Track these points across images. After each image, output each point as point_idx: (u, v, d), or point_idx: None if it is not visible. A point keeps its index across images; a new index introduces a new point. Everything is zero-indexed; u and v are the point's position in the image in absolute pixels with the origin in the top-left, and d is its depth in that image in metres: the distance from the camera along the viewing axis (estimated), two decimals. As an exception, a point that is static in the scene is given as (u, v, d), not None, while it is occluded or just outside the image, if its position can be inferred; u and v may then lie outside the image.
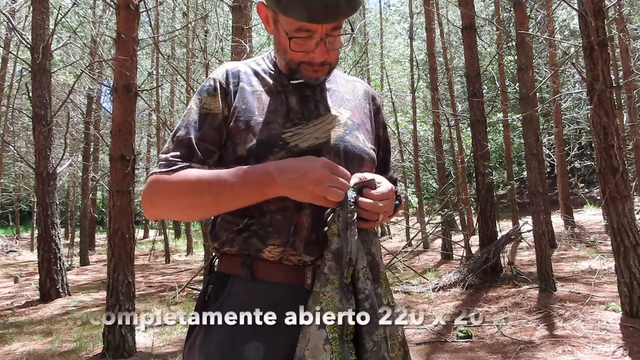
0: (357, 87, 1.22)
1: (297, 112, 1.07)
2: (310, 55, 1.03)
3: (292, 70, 1.07)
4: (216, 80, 1.09)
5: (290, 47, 1.02)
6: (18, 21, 11.24)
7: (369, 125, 1.17)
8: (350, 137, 1.09)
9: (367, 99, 1.22)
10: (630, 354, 3.46)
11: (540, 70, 12.23)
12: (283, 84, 1.10)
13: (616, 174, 4.13)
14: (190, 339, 1.03)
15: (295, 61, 1.05)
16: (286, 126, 1.04)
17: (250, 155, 1.01)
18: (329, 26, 1.00)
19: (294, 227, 1.00)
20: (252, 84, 1.09)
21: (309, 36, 1.00)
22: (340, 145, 1.06)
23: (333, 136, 1.07)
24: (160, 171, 1.01)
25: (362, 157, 1.09)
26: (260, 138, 1.02)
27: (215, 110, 1.06)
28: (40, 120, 7.04)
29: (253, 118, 1.04)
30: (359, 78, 1.31)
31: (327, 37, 1.01)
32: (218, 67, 1.15)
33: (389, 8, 23.79)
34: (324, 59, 1.04)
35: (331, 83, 1.17)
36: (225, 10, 11.88)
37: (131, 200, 4.41)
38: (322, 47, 1.02)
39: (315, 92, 1.11)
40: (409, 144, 14.60)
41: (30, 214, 19.26)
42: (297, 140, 1.03)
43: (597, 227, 11.14)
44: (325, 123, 1.07)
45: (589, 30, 4.21)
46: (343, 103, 1.14)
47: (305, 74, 1.06)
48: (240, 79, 1.09)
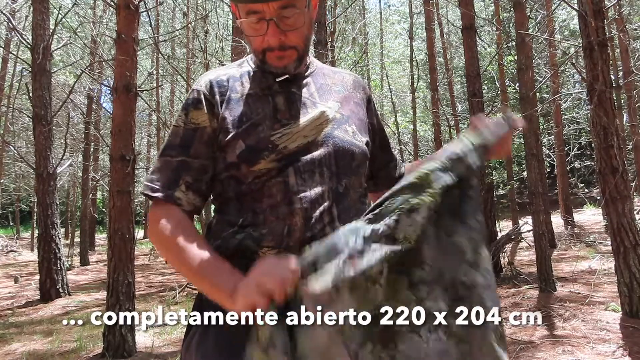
0: (346, 77, 1.21)
1: (285, 112, 1.06)
2: (265, 39, 1.02)
3: (260, 61, 1.07)
4: (200, 92, 1.07)
5: (245, 31, 1.02)
6: (18, 21, 11.24)
7: (362, 114, 1.16)
8: (339, 131, 1.08)
9: (357, 88, 1.20)
10: (630, 353, 3.46)
11: (540, 70, 12.22)
12: (269, 84, 1.09)
13: (616, 174, 4.13)
14: (187, 338, 1.04)
15: (258, 50, 1.05)
16: (274, 128, 1.03)
17: (241, 161, 1.01)
18: (275, 4, 0.98)
19: (287, 228, 1.00)
20: (237, 90, 1.08)
21: (259, 19, 1.00)
22: (329, 141, 1.05)
23: (321, 133, 1.06)
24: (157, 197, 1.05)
25: (352, 150, 1.08)
26: (249, 143, 1.02)
27: (203, 124, 1.05)
28: (41, 120, 7.04)
29: (242, 125, 1.03)
30: (346, 70, 1.30)
31: (278, 17, 1.00)
32: (200, 77, 1.13)
33: (389, 8, 23.75)
34: (279, 41, 1.02)
35: (317, 77, 1.15)
36: (225, 10, 11.88)
37: (131, 200, 4.41)
38: (272, 27, 1.00)
39: (301, 88, 1.10)
40: (409, 144, 14.60)
41: (30, 214, 19.26)
42: (285, 142, 1.02)
43: (597, 227, 11.14)
44: (313, 120, 1.06)
45: (589, 31, 4.21)
46: (331, 95, 1.13)
47: (271, 63, 1.05)
48: (225, 87, 1.08)
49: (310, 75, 1.14)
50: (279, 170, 1.01)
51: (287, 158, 1.02)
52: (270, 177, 1.01)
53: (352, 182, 1.07)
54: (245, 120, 1.04)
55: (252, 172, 1.01)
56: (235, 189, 1.04)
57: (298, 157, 1.02)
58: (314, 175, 1.02)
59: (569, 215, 11.29)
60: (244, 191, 1.03)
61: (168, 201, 1.04)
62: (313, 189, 1.01)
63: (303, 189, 1.01)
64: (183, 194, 1.04)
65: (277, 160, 1.01)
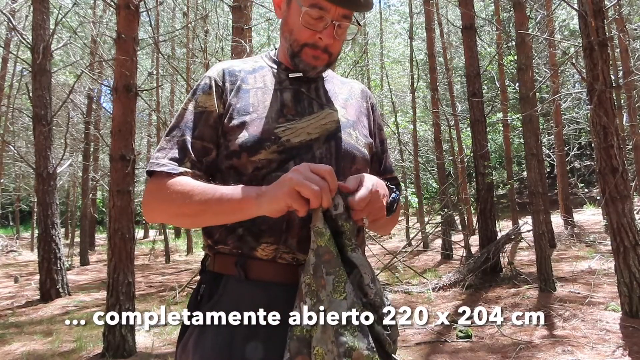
0: (354, 87, 1.23)
1: (291, 108, 1.07)
2: (316, 36, 1.05)
3: (293, 53, 1.08)
4: (212, 78, 1.09)
5: (302, 20, 1.03)
6: (18, 21, 11.23)
7: (366, 122, 1.18)
8: (343, 134, 1.09)
9: (365, 97, 1.23)
10: (630, 353, 3.46)
11: (540, 70, 12.22)
12: (280, 80, 1.11)
13: (616, 174, 4.14)
14: (183, 339, 1.03)
15: (300, 41, 1.06)
16: (279, 121, 1.04)
17: (243, 149, 1.02)
18: (341, 11, 1.02)
19: (286, 224, 1.00)
20: (249, 82, 1.10)
21: (320, 16, 1.03)
22: (332, 141, 1.07)
23: (325, 132, 1.07)
24: (160, 171, 1.02)
25: (354, 154, 1.09)
26: (252, 132, 1.02)
27: (210, 108, 1.06)
28: (40, 120, 7.04)
29: (247, 115, 1.05)
30: (355, 80, 1.32)
31: (337, 22, 1.03)
32: (215, 65, 1.16)
33: (389, 8, 23.80)
34: (328, 44, 1.06)
35: (327, 83, 1.17)
36: (225, 10, 11.86)
37: (131, 200, 4.42)
38: (330, 29, 1.04)
39: (310, 89, 1.12)
40: (409, 144, 14.59)
41: (30, 214, 19.25)
42: (289, 135, 1.03)
43: (597, 227, 11.14)
44: (319, 119, 1.08)
45: (589, 30, 4.21)
46: (338, 101, 1.15)
47: (305, 59, 1.07)
48: (236, 77, 1.10)
49: (321, 80, 1.16)
50: (280, 163, 1.01)
51: (289, 152, 1.02)
52: (271, 171, 1.01)
53: None
54: (252, 110, 1.05)
55: (252, 163, 1.01)
56: (235, 181, 1.03)
57: (300, 152, 1.03)
58: None
59: (568, 215, 11.29)
60: (244, 183, 1.02)
61: (173, 174, 1.02)
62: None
63: None
64: (189, 170, 1.03)
65: (278, 152, 1.02)
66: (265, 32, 15.68)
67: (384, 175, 1.22)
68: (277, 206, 0.89)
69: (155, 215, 1.07)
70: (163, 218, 1.08)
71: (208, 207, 0.96)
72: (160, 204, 1.02)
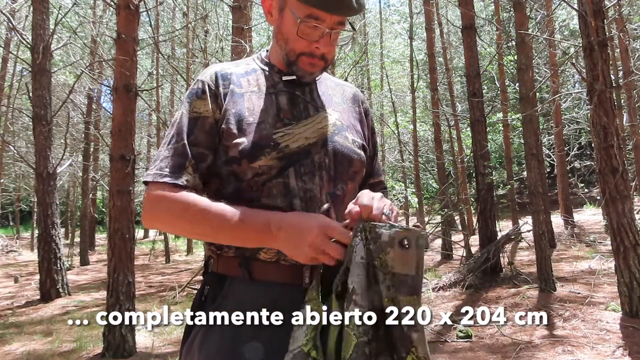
0: (346, 90, 1.23)
1: (287, 112, 1.07)
2: (313, 46, 1.05)
3: (290, 62, 1.08)
4: (205, 82, 1.08)
5: (298, 32, 1.03)
6: (18, 21, 11.22)
7: (359, 127, 1.18)
8: (340, 137, 1.09)
9: (357, 102, 1.22)
10: (630, 353, 3.46)
11: (540, 70, 12.23)
12: (274, 83, 1.10)
13: (616, 174, 4.14)
14: (188, 339, 1.03)
15: (297, 51, 1.06)
16: (277, 126, 1.04)
17: (243, 156, 1.01)
18: (336, 19, 1.03)
19: None
20: (242, 85, 1.09)
21: (316, 25, 1.02)
22: (330, 145, 1.07)
23: (322, 136, 1.07)
24: (164, 182, 1.01)
25: (350, 157, 1.09)
26: (251, 139, 1.02)
27: (205, 114, 1.05)
28: (40, 120, 7.04)
29: (244, 119, 1.04)
30: (347, 82, 1.32)
31: (333, 30, 1.04)
32: (206, 69, 1.14)
33: (389, 8, 23.76)
34: (325, 52, 1.06)
35: (320, 85, 1.17)
36: (225, 10, 11.87)
37: (131, 200, 4.42)
38: (327, 38, 1.04)
39: (305, 92, 1.12)
40: (409, 144, 14.60)
41: (30, 214, 19.24)
42: (287, 141, 1.03)
43: (597, 227, 11.14)
44: (315, 123, 1.08)
45: (588, 30, 4.21)
46: (332, 104, 1.15)
47: (302, 67, 1.07)
48: (230, 80, 1.09)
49: (314, 82, 1.15)
50: (280, 170, 1.02)
51: (288, 157, 1.02)
52: (271, 177, 1.01)
53: (348, 188, 1.09)
54: (248, 114, 1.05)
55: (252, 169, 1.01)
56: (234, 186, 1.03)
57: (299, 158, 1.03)
58: (314, 177, 1.03)
59: (568, 215, 11.29)
60: (243, 188, 1.02)
61: (178, 185, 1.01)
62: (313, 192, 1.02)
63: (303, 191, 1.02)
64: (191, 176, 1.03)
65: (277, 159, 1.02)
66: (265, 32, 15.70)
67: (373, 178, 1.23)
68: (296, 257, 0.95)
69: (157, 225, 1.09)
70: (166, 229, 1.10)
71: (220, 233, 0.99)
72: (168, 217, 1.03)
